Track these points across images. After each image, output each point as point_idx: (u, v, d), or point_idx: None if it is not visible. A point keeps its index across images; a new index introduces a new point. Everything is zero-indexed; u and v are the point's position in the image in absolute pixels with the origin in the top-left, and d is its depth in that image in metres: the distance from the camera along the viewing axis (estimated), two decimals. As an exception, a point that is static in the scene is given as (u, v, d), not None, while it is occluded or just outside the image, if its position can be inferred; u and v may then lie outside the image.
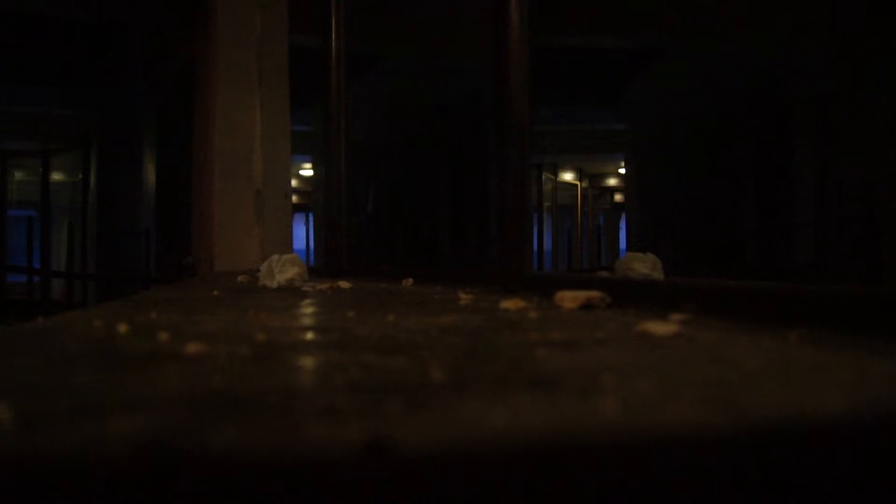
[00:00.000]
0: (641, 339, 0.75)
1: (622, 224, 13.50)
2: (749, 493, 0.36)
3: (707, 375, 0.54)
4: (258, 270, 2.03)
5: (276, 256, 1.91)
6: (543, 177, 10.86)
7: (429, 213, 9.90)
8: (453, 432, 0.38)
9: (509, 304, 1.15)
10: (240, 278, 2.33)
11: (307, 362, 0.64)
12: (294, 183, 9.24)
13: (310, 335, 0.83)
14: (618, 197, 13.70)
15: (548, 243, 11.36)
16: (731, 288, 0.99)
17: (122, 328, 0.85)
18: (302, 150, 9.72)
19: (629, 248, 11.16)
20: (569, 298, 1.11)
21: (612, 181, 13.72)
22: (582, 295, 1.11)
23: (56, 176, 9.80)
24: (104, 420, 0.40)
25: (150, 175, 6.99)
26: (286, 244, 4.23)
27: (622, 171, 12.61)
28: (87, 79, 8.86)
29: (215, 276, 3.25)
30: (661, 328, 0.77)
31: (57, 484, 0.33)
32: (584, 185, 12.65)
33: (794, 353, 0.64)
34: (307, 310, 1.21)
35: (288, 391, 0.50)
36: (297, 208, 10.18)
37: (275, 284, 1.85)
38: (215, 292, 1.74)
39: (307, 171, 11.63)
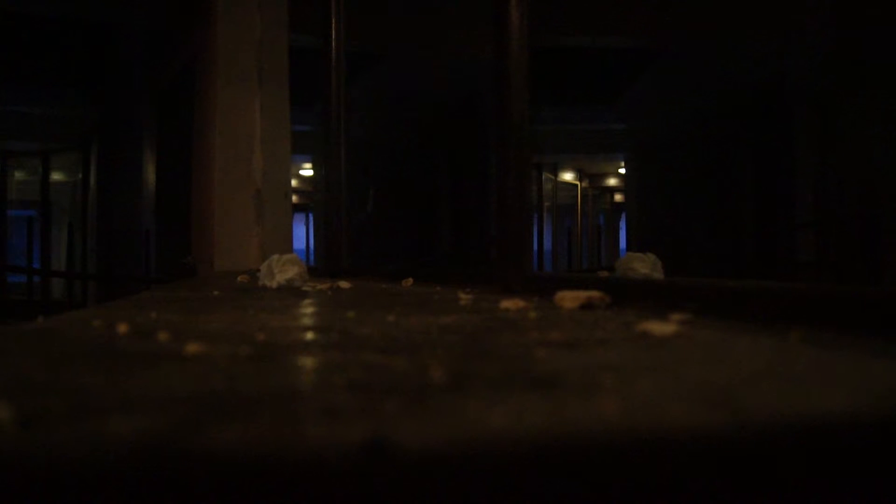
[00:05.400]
0: (641, 339, 0.75)
1: (622, 224, 13.49)
2: (749, 492, 0.36)
3: (707, 375, 0.54)
4: (258, 270, 2.03)
5: (276, 256, 1.91)
6: (543, 177, 10.86)
7: (429, 212, 9.90)
8: (454, 432, 0.38)
9: (509, 304, 1.15)
10: (240, 278, 2.33)
11: (307, 362, 0.64)
12: (294, 183, 9.23)
13: (310, 335, 0.83)
14: (618, 197, 13.69)
15: (548, 243, 11.36)
16: (731, 288, 0.99)
17: (122, 328, 0.85)
18: (302, 150, 9.71)
19: (629, 248, 11.16)
20: (569, 298, 1.11)
21: (612, 181, 13.71)
22: (582, 295, 1.11)
23: (56, 176, 9.80)
24: (104, 420, 0.40)
25: (150, 175, 6.99)
26: (286, 244, 4.23)
27: (622, 171, 12.60)
28: (87, 79, 8.85)
29: (215, 276, 3.25)
30: (661, 328, 0.77)
31: (57, 484, 0.33)
32: (584, 185, 12.65)
33: (794, 353, 0.64)
34: (307, 310, 1.21)
35: (288, 391, 0.50)
36: (297, 208, 10.16)
37: (275, 284, 1.85)
38: (215, 292, 1.74)
39: (307, 171, 11.62)
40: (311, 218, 11.19)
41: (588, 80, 9.86)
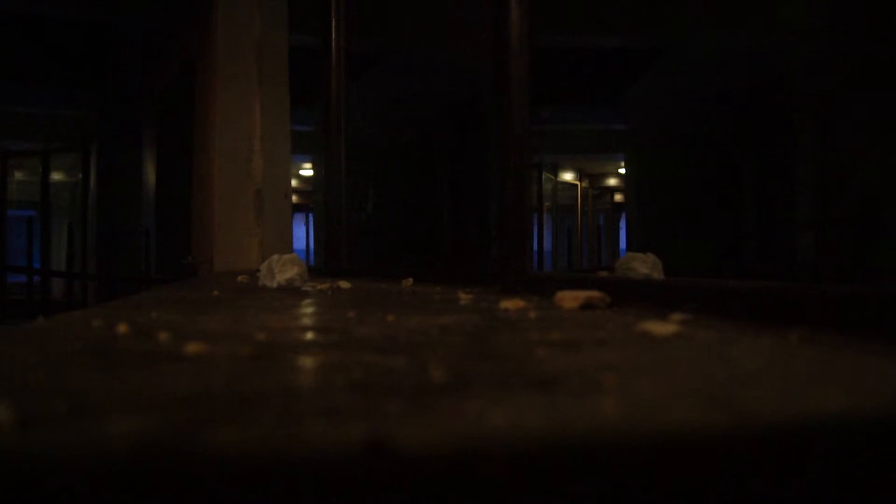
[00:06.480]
0: (641, 339, 0.75)
1: (622, 224, 13.49)
2: (749, 492, 0.36)
3: (707, 375, 0.54)
4: (258, 270, 2.03)
5: (276, 256, 1.91)
6: (543, 177, 10.85)
7: (429, 213, 9.90)
8: (454, 432, 0.38)
9: (509, 304, 1.15)
10: (240, 278, 2.33)
11: (307, 362, 0.64)
12: (294, 183, 9.23)
13: (310, 335, 0.83)
14: (618, 197, 13.69)
15: (548, 243, 11.35)
16: (731, 288, 0.99)
17: (122, 328, 0.85)
18: (302, 150, 9.71)
19: (629, 248, 11.15)
20: (569, 298, 1.11)
21: (612, 181, 13.71)
22: (582, 295, 1.11)
23: (56, 176, 9.79)
24: (104, 420, 0.40)
25: (150, 175, 6.99)
26: (286, 244, 4.22)
27: (622, 171, 12.60)
28: (87, 79, 8.85)
29: (215, 276, 3.25)
30: (661, 328, 0.77)
31: (57, 484, 0.33)
32: (584, 185, 12.64)
33: (794, 353, 0.64)
34: (307, 310, 1.21)
35: (288, 391, 0.50)
36: (297, 208, 10.16)
37: (275, 284, 1.85)
38: (215, 292, 1.74)
39: (307, 171, 11.62)
40: (311, 218, 11.19)
41: (588, 80, 9.86)
